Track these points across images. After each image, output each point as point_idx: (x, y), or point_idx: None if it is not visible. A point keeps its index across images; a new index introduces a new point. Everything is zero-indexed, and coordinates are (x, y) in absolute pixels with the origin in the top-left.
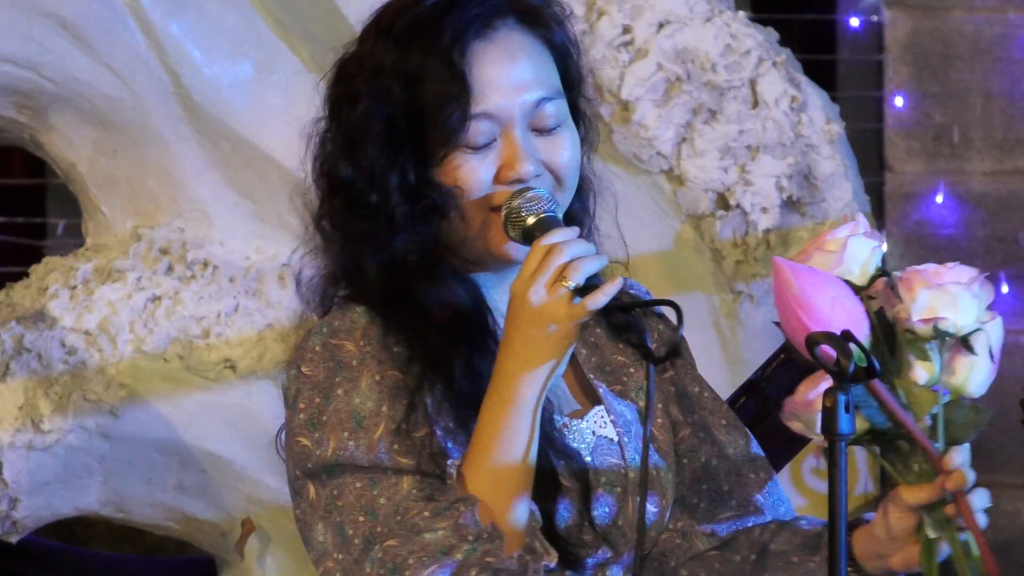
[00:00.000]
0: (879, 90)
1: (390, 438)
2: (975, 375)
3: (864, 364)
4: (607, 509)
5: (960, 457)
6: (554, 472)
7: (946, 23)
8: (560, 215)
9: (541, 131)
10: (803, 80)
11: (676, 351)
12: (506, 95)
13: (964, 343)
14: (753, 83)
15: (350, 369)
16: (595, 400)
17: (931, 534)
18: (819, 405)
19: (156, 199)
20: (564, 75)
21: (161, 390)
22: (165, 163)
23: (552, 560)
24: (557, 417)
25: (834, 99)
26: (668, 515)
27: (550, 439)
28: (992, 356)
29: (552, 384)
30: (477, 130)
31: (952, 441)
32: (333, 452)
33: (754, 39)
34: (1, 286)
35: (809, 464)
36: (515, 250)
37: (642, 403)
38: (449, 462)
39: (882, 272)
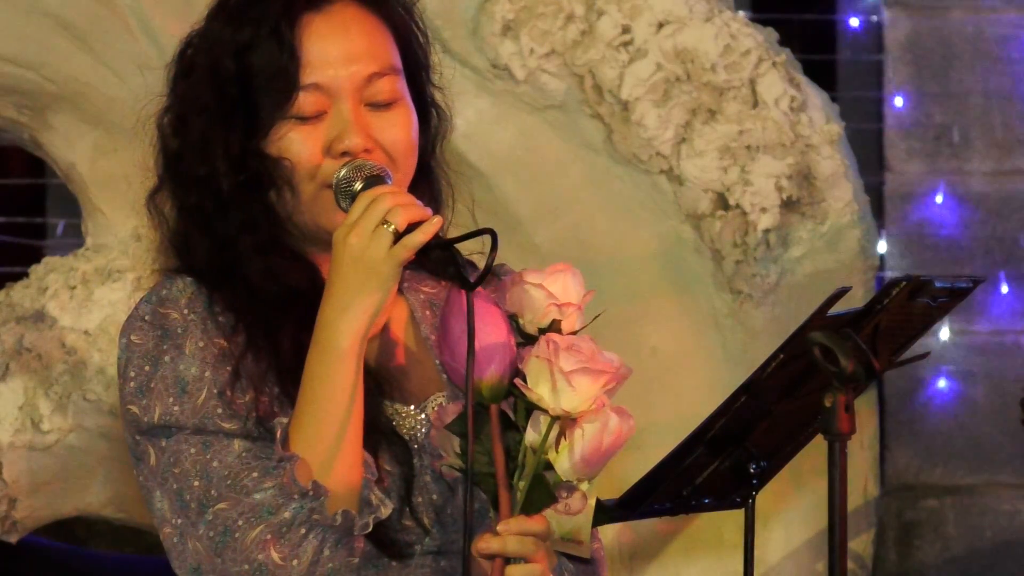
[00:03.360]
0: (879, 90)
1: (214, 403)
2: (562, 460)
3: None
4: (433, 496)
5: (518, 526)
6: (375, 456)
7: (946, 23)
8: (390, 183)
9: (375, 106)
10: (803, 80)
11: (487, 274)
12: (336, 67)
13: (556, 423)
14: (753, 83)
15: (176, 336)
16: (439, 387)
17: None
18: None
19: None
20: (405, 57)
21: None
22: None
23: (386, 512)
24: (387, 403)
25: (834, 99)
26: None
27: (375, 423)
28: (585, 452)
29: (390, 368)
30: (306, 101)
31: (523, 508)
32: (160, 417)
33: (754, 39)
34: (1, 286)
35: (809, 464)
36: None
37: None
38: (276, 421)
39: (547, 330)
